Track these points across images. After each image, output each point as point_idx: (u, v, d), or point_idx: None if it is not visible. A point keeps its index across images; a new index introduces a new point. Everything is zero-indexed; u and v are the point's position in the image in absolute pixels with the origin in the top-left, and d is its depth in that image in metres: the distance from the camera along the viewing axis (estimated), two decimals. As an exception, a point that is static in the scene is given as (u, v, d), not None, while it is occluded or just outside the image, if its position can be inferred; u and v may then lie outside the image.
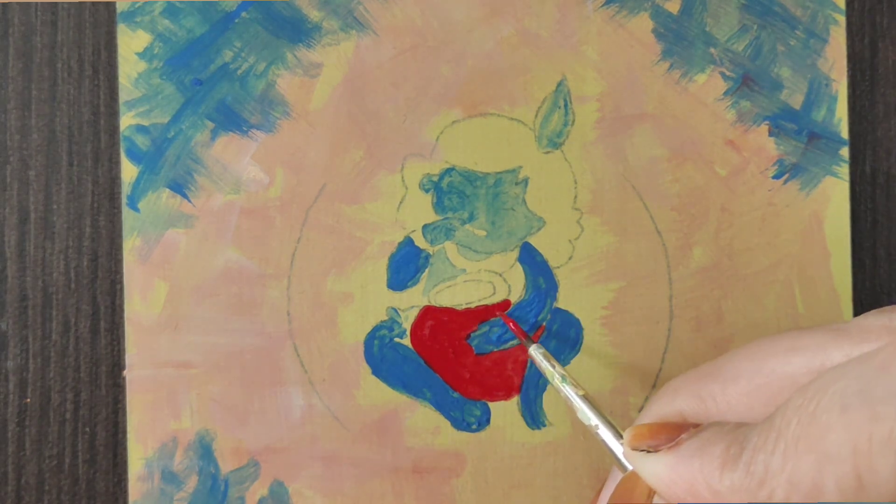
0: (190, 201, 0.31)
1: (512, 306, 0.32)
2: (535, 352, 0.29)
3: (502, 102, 0.32)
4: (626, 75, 0.32)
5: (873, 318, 0.21)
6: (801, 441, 0.19)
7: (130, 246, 0.31)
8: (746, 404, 0.22)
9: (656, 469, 0.21)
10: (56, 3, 0.31)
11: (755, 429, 0.20)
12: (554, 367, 0.28)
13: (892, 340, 0.19)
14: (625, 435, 0.23)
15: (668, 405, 0.23)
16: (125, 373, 0.31)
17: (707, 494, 0.20)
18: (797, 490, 0.18)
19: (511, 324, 0.31)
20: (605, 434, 0.25)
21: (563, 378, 0.27)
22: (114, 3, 0.31)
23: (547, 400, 0.32)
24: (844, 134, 0.32)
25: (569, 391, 0.27)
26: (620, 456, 0.24)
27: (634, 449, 0.22)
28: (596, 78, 0.32)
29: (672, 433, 0.22)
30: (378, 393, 0.31)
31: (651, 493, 0.22)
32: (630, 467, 0.23)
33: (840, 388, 0.18)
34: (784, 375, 0.21)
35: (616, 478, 0.25)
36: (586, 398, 0.26)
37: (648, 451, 0.22)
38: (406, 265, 0.32)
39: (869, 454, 0.17)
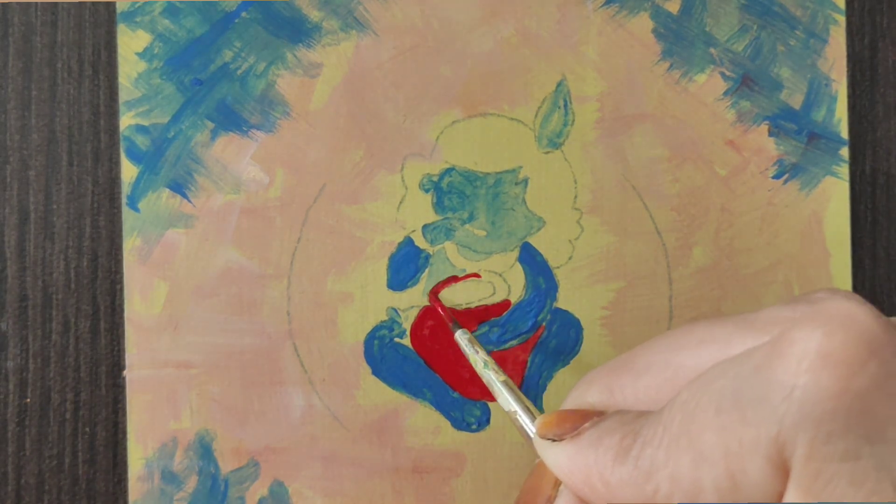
0: (190, 201, 0.31)
1: (512, 306, 0.32)
2: (461, 337, 0.29)
3: (502, 102, 0.32)
4: (626, 75, 0.32)
5: (780, 310, 0.20)
6: (681, 438, 0.18)
7: (130, 246, 0.31)
8: (654, 398, 0.21)
9: (558, 458, 0.21)
10: (56, 3, 0.31)
11: (648, 420, 0.20)
12: (478, 352, 0.28)
13: (771, 339, 0.19)
14: (535, 423, 0.23)
15: (581, 397, 0.23)
16: (125, 373, 0.31)
17: (600, 486, 0.20)
18: (679, 487, 0.18)
19: (439, 307, 0.31)
20: (524, 420, 0.25)
21: (486, 364, 0.27)
22: (114, 3, 0.31)
23: (547, 400, 0.32)
24: (844, 134, 0.32)
25: (490, 376, 0.27)
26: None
27: (542, 437, 0.22)
28: (596, 78, 0.32)
29: (577, 422, 0.21)
30: (378, 393, 0.31)
31: (558, 481, 0.22)
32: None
33: (718, 387, 0.18)
34: (691, 368, 0.21)
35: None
36: (507, 384, 0.26)
37: (554, 440, 0.22)
38: (406, 265, 0.32)
39: (739, 457, 0.17)
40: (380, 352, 0.31)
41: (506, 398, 0.26)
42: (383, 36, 0.32)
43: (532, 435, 0.24)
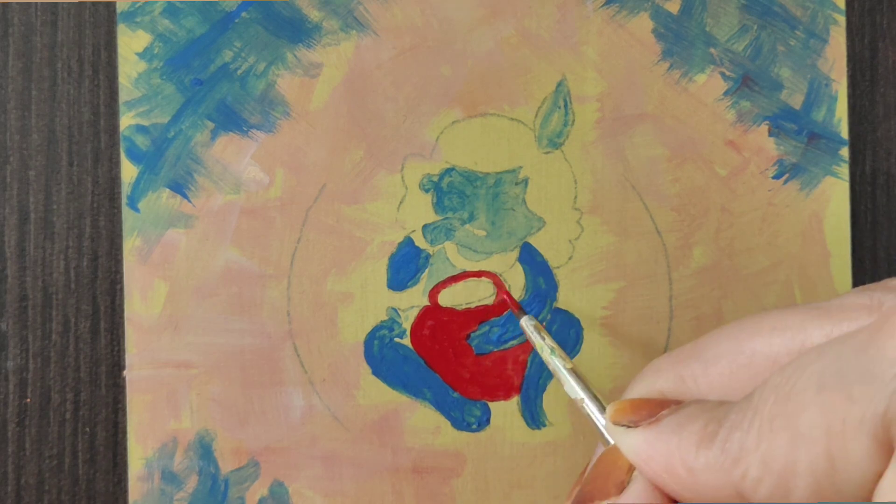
0: (190, 201, 0.31)
1: (512, 306, 0.32)
2: (527, 323, 0.29)
3: (502, 102, 0.32)
4: (626, 75, 0.32)
5: (854, 297, 0.20)
6: (776, 420, 0.18)
7: (130, 246, 0.31)
8: (727, 385, 0.21)
9: (635, 444, 0.21)
10: (56, 3, 0.31)
11: (734, 407, 0.20)
12: (544, 339, 0.28)
13: (871, 321, 0.19)
14: (607, 409, 0.23)
15: (650, 385, 0.23)
16: (125, 373, 0.31)
17: (683, 472, 0.20)
18: (770, 469, 0.18)
19: (505, 294, 0.31)
20: (591, 408, 0.25)
21: (553, 351, 0.27)
22: (114, 3, 0.31)
23: (547, 400, 0.32)
24: (844, 134, 0.32)
25: (557, 363, 0.27)
26: (604, 430, 0.24)
27: (616, 423, 0.22)
28: (596, 78, 0.32)
29: (653, 409, 0.21)
30: (378, 393, 0.31)
31: (631, 468, 0.22)
32: (612, 441, 0.23)
33: (818, 368, 0.18)
34: (765, 356, 0.21)
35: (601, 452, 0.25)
36: (574, 371, 0.26)
37: (629, 427, 0.22)
38: (406, 265, 0.32)
39: (842, 436, 0.17)
40: (380, 352, 0.31)
41: (572, 386, 0.26)
42: (383, 36, 0.32)
43: (602, 422, 0.24)
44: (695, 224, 0.32)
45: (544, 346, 0.27)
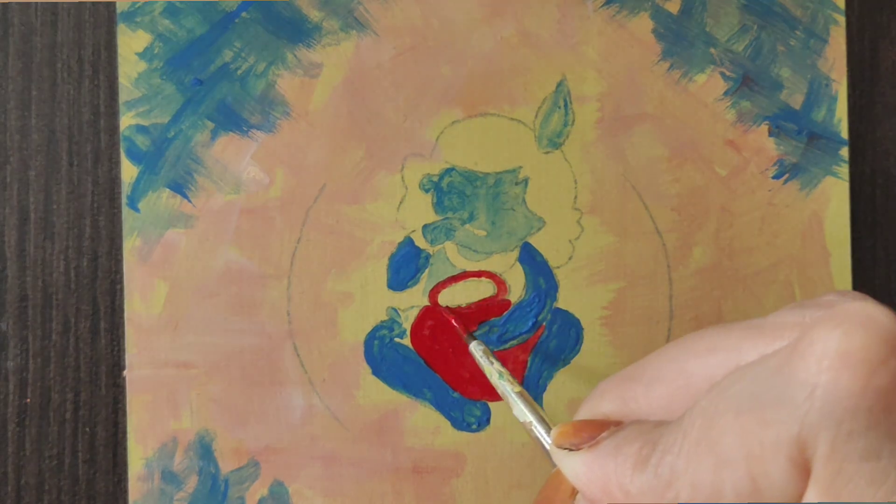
0: (190, 201, 0.31)
1: (512, 306, 0.32)
2: (475, 348, 0.29)
3: (502, 102, 0.32)
4: (626, 75, 0.32)
5: (788, 314, 0.20)
6: (701, 444, 0.18)
7: (130, 246, 0.31)
8: (667, 406, 0.21)
9: (575, 467, 0.21)
10: (56, 3, 0.31)
11: (667, 429, 0.20)
12: (492, 363, 0.28)
13: (791, 342, 0.19)
14: (551, 432, 0.23)
15: (594, 408, 0.23)
16: (125, 373, 0.31)
17: (619, 494, 0.20)
18: (699, 493, 0.18)
19: (452, 319, 0.31)
20: (539, 431, 0.25)
21: (501, 375, 0.27)
22: (114, 3, 0.31)
23: (547, 400, 0.32)
24: (844, 134, 0.32)
25: (505, 387, 0.27)
26: (549, 453, 0.24)
27: (558, 447, 0.22)
28: (596, 78, 0.32)
29: (594, 431, 0.21)
30: (378, 393, 0.31)
31: (574, 491, 0.22)
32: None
33: (737, 390, 0.18)
34: (703, 376, 0.21)
35: None
36: (522, 395, 0.26)
37: (571, 450, 0.22)
38: (406, 265, 0.32)
39: (761, 459, 0.17)
40: (380, 352, 0.31)
41: (521, 409, 0.26)
42: (383, 36, 0.32)
43: (548, 445, 0.24)
44: (695, 224, 0.32)
45: (493, 370, 0.28)
